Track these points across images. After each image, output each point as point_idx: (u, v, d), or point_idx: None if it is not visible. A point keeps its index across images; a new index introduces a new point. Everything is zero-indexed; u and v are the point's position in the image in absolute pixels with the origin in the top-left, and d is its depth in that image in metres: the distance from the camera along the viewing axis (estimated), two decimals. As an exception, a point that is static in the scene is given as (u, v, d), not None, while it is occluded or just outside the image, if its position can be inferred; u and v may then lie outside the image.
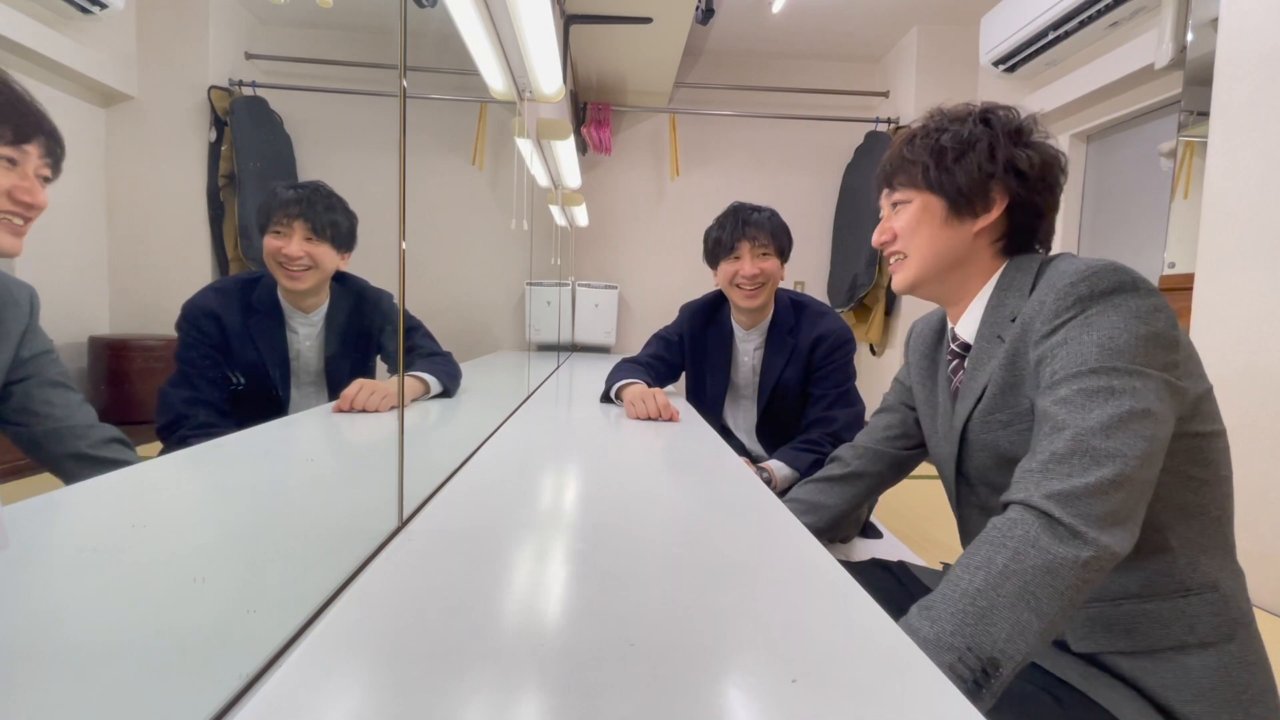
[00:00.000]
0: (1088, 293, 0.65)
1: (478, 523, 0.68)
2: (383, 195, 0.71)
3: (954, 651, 0.52)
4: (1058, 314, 0.66)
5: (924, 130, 0.81)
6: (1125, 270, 0.65)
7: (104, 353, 0.51)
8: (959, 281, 0.81)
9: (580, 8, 2.76)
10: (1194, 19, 2.06)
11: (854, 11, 3.56)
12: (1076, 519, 0.55)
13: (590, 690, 0.39)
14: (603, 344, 3.87)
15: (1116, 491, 0.56)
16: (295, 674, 0.39)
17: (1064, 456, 0.59)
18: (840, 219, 4.19)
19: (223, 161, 0.59)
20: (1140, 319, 0.63)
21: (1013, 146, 0.76)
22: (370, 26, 0.80)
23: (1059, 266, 0.71)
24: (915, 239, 0.81)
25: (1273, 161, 1.62)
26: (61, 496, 0.47)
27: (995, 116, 0.77)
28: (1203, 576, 0.65)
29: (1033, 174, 0.75)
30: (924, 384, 0.92)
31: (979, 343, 0.78)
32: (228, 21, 0.59)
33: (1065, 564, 0.54)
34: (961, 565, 0.58)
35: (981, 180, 0.76)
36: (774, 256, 1.54)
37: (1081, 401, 0.60)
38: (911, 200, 0.81)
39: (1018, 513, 0.59)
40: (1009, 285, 0.77)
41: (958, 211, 0.78)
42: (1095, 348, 0.62)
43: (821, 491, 1.04)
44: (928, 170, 0.79)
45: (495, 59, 1.35)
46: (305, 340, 0.88)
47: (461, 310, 1.59)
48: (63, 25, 0.42)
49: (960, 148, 0.77)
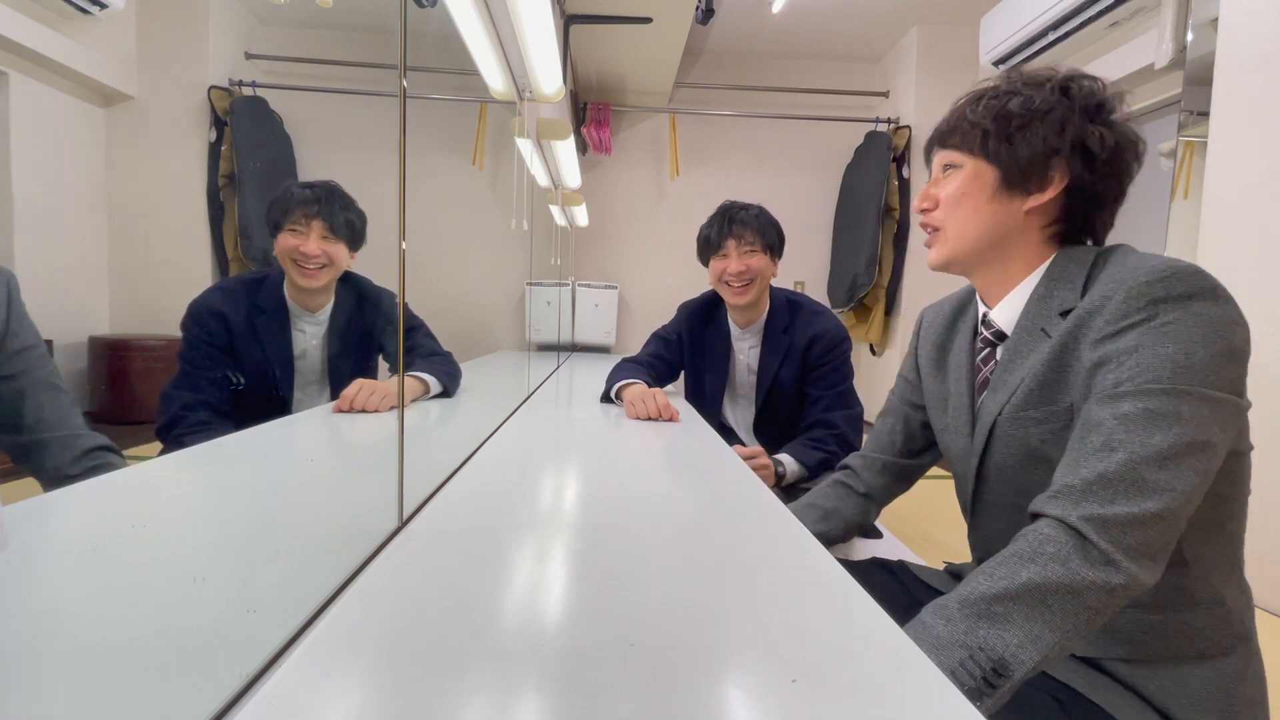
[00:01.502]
0: (1164, 295, 0.59)
1: (478, 523, 0.68)
2: (383, 195, 0.71)
3: (964, 649, 0.52)
4: (1126, 314, 0.61)
5: (994, 90, 0.73)
6: (1205, 274, 0.60)
7: (104, 353, 0.51)
8: (999, 263, 0.75)
9: (580, 8, 2.76)
10: (1194, 19, 2.06)
11: (854, 11, 3.56)
12: (1112, 546, 0.54)
13: (590, 690, 0.39)
14: (603, 344, 3.87)
15: (1157, 525, 0.54)
16: (295, 674, 0.39)
17: (1112, 480, 0.56)
18: (840, 219, 4.19)
19: (223, 161, 0.59)
20: (1219, 332, 0.58)
21: (1087, 123, 0.68)
22: (370, 26, 0.80)
23: (1125, 261, 0.65)
24: (958, 211, 0.74)
25: (1273, 161, 1.62)
26: (61, 496, 0.47)
27: (1076, 86, 0.69)
28: (1211, 591, 0.64)
29: (1102, 156, 0.68)
30: (933, 375, 0.88)
31: (1019, 334, 0.72)
32: (228, 21, 0.59)
33: (1092, 588, 0.53)
34: (984, 572, 0.57)
35: (1044, 155, 0.69)
36: (761, 253, 1.54)
37: (1145, 423, 0.56)
38: (963, 166, 0.74)
39: (1052, 529, 0.57)
40: (1059, 275, 0.70)
41: (1009, 185, 0.71)
42: (1169, 363, 0.57)
43: (840, 500, 1.00)
44: (987, 136, 0.71)
45: (495, 59, 1.35)
46: (310, 339, 0.88)
47: (461, 310, 1.59)
48: (63, 25, 0.42)
49: (1028, 116, 0.69)
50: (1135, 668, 0.65)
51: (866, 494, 0.99)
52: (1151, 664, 0.64)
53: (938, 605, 0.57)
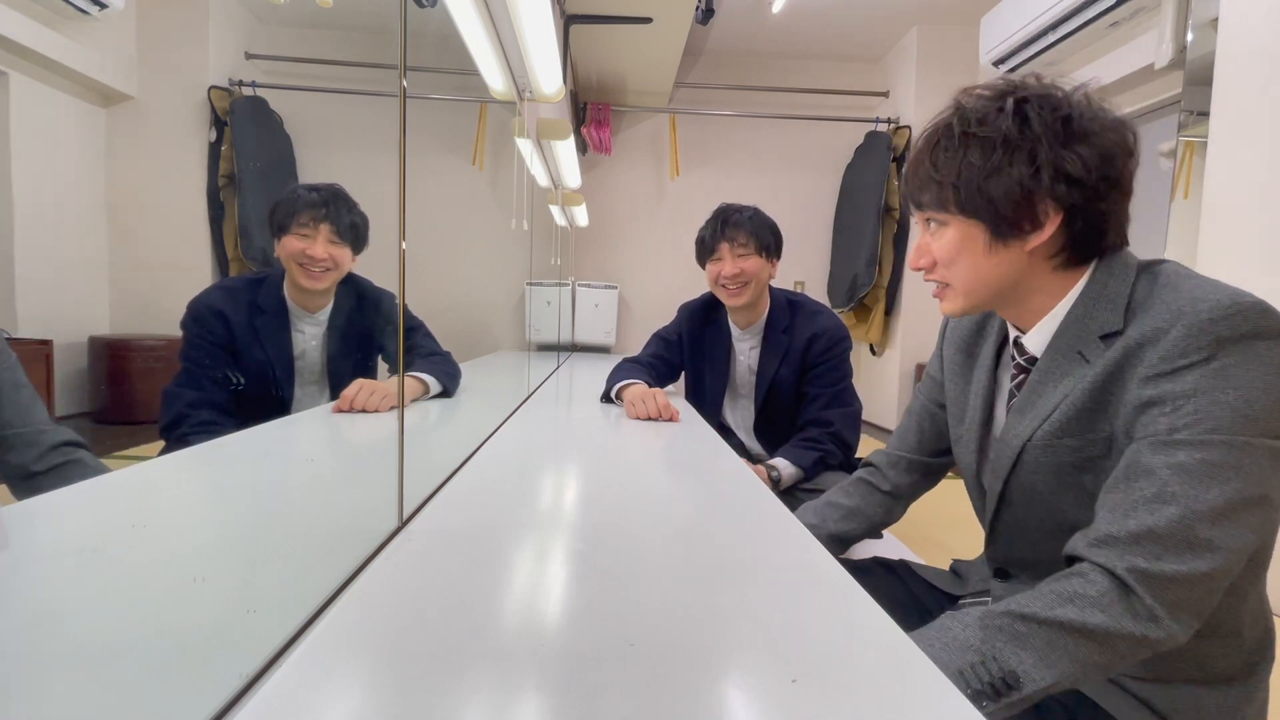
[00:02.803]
0: (1228, 335, 0.55)
1: (478, 523, 0.68)
2: (383, 195, 0.71)
3: (977, 654, 0.52)
4: (1184, 352, 0.56)
5: (948, 133, 0.67)
6: (1272, 313, 0.56)
7: (104, 353, 0.51)
8: (1020, 297, 0.70)
9: (580, 8, 2.76)
10: (1194, 19, 2.06)
11: (854, 11, 3.56)
12: (1156, 602, 0.52)
13: (590, 690, 0.39)
14: (603, 344, 3.87)
15: (1204, 584, 0.53)
16: (295, 674, 0.39)
17: (1163, 535, 0.53)
18: (840, 219, 4.20)
19: (223, 161, 0.59)
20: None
21: (1060, 148, 0.61)
22: (370, 26, 0.80)
23: (1181, 287, 0.59)
24: (957, 268, 0.69)
25: (1273, 161, 1.62)
26: (61, 496, 0.47)
27: (1034, 109, 0.62)
28: (1233, 622, 0.63)
29: (1090, 178, 0.61)
30: (958, 380, 0.84)
31: (1051, 355, 0.68)
32: (228, 21, 0.59)
33: (1127, 637, 0.52)
34: (1016, 600, 0.56)
35: (1024, 197, 0.62)
36: (755, 255, 1.53)
37: (1202, 474, 0.53)
38: (948, 224, 0.69)
39: (1097, 575, 0.55)
40: (1098, 295, 0.65)
41: (1002, 236, 0.65)
42: (1230, 411, 0.54)
43: (863, 498, 0.97)
44: (958, 192, 0.66)
45: (495, 59, 1.35)
46: (310, 340, 0.88)
47: (461, 310, 1.59)
48: (63, 25, 0.42)
49: (994, 162, 0.63)
50: (1146, 684, 0.64)
51: (891, 492, 0.97)
52: (1163, 683, 0.64)
53: (958, 613, 0.56)
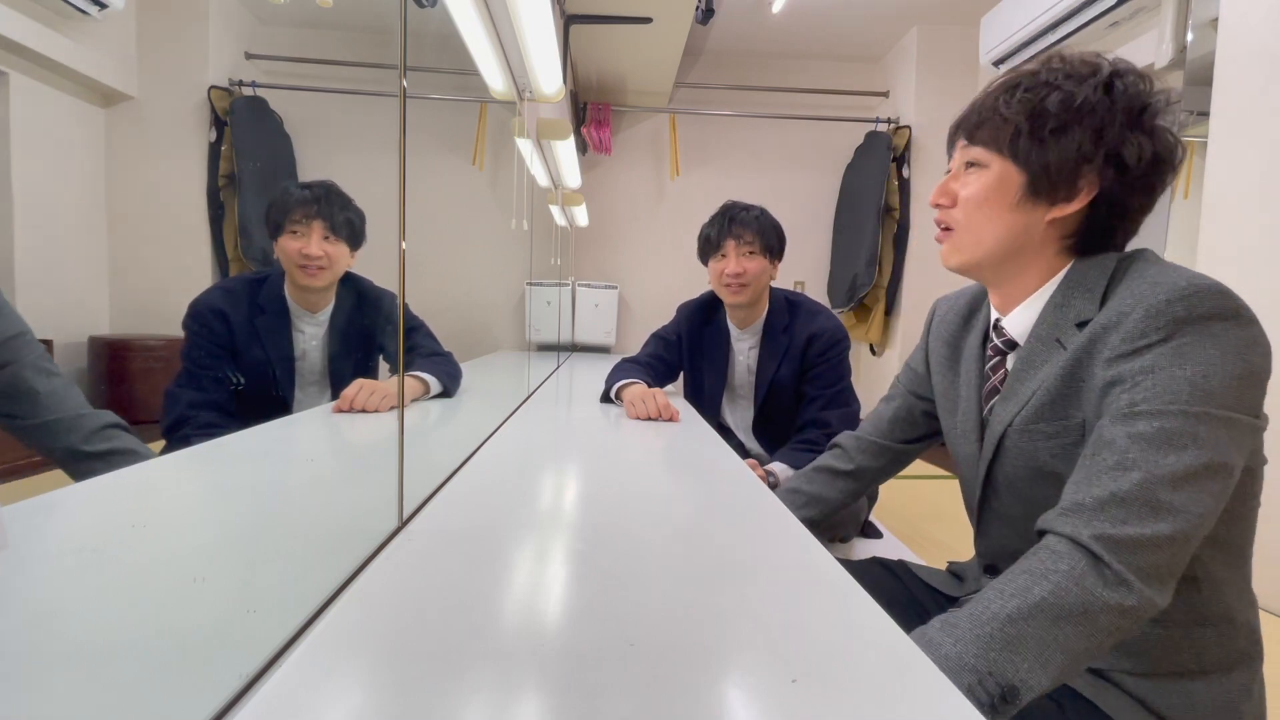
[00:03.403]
0: (1184, 315, 0.58)
1: (478, 523, 0.68)
2: (383, 195, 0.71)
3: (974, 674, 0.51)
4: (1143, 333, 0.59)
5: (1032, 80, 0.67)
6: (1228, 294, 0.58)
7: (104, 353, 0.51)
8: (1015, 272, 0.72)
9: (580, 8, 2.76)
10: (1194, 19, 2.06)
11: (854, 11, 3.56)
12: (1124, 566, 0.53)
13: (590, 690, 0.39)
14: (603, 344, 3.87)
15: (1169, 547, 0.54)
16: (295, 674, 0.39)
17: (1125, 500, 0.55)
18: (840, 219, 4.19)
19: (223, 161, 0.59)
20: (1239, 354, 0.56)
21: (1127, 130, 0.63)
22: (370, 26, 0.80)
23: (1145, 273, 0.63)
24: (977, 215, 0.70)
25: (1273, 161, 1.62)
26: (61, 496, 0.47)
27: (1121, 84, 0.64)
28: (1222, 608, 0.64)
29: (1136, 168, 0.64)
30: (945, 374, 0.85)
31: (1032, 343, 0.70)
32: (228, 21, 0.59)
33: (1106, 608, 0.53)
34: (995, 589, 0.56)
35: (1075, 162, 0.64)
36: (760, 255, 1.54)
37: (1160, 443, 0.55)
38: (988, 166, 0.69)
39: (1064, 547, 0.56)
40: (1077, 284, 0.68)
41: (1035, 193, 0.67)
42: (1187, 385, 0.56)
43: (824, 485, 1.01)
44: (1019, 135, 0.66)
45: (495, 59, 1.35)
46: (311, 340, 0.88)
47: (461, 310, 1.59)
48: (63, 25, 0.42)
49: (1065, 116, 0.64)
50: (1141, 680, 0.64)
51: (852, 473, 1.00)
52: (1158, 677, 0.64)
53: (946, 622, 0.56)
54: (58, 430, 0.46)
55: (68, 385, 0.46)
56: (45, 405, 0.45)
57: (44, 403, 0.45)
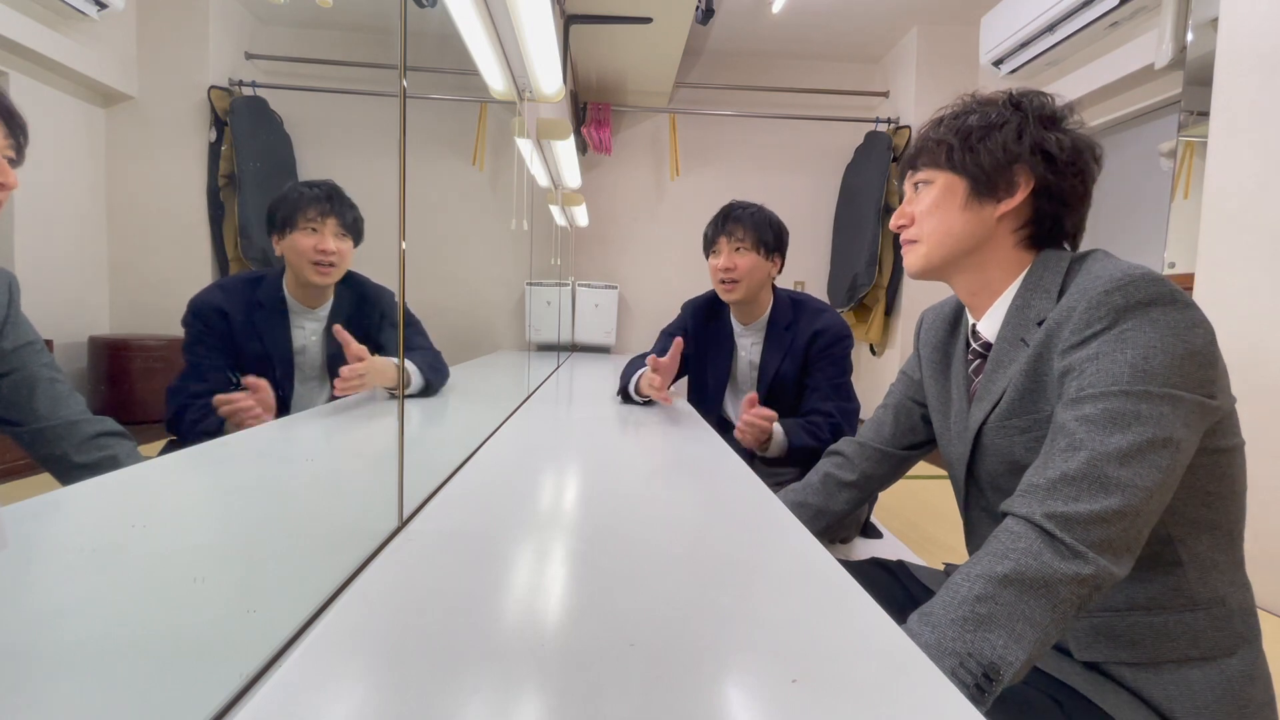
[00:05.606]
0: (1123, 304, 0.62)
1: (478, 522, 0.68)
2: (383, 195, 0.71)
3: (955, 657, 0.53)
4: (1089, 324, 0.63)
5: (952, 113, 0.79)
6: (1163, 281, 0.62)
7: (104, 353, 0.51)
8: (977, 271, 0.78)
9: (580, 8, 2.76)
10: (1194, 19, 2.06)
11: (854, 11, 3.56)
12: (1077, 540, 0.55)
13: (590, 690, 0.39)
14: (603, 344, 3.87)
15: (1119, 521, 0.56)
16: (295, 674, 0.39)
17: (1074, 479, 0.58)
18: (840, 219, 4.19)
19: (223, 161, 0.59)
20: (1178, 336, 0.60)
21: (1042, 130, 0.73)
22: (370, 26, 0.80)
23: (1091, 269, 0.68)
24: (932, 221, 0.78)
25: (1273, 161, 1.62)
26: (61, 496, 0.47)
27: (1026, 100, 0.75)
28: (1211, 591, 0.65)
29: (1062, 158, 0.72)
30: (936, 379, 0.89)
31: (1000, 344, 0.75)
32: (228, 21, 0.59)
33: (1064, 579, 0.55)
34: (962, 573, 0.58)
35: (1006, 161, 0.73)
36: (751, 251, 1.54)
37: (1105, 423, 0.58)
38: (934, 181, 0.78)
39: (1021, 527, 0.58)
40: (1035, 285, 0.73)
41: (979, 194, 0.75)
42: (1128, 367, 0.59)
43: (830, 496, 1.02)
44: (951, 150, 0.76)
45: (495, 59, 1.35)
46: (310, 336, 0.89)
47: (461, 310, 1.59)
48: (63, 25, 0.42)
49: (986, 128, 0.74)
50: (1139, 671, 0.65)
51: (855, 483, 1.01)
52: (1155, 667, 0.64)
53: (922, 613, 0.58)
54: (51, 437, 0.46)
55: (70, 392, 0.46)
56: (44, 413, 0.45)
57: (43, 410, 0.45)
